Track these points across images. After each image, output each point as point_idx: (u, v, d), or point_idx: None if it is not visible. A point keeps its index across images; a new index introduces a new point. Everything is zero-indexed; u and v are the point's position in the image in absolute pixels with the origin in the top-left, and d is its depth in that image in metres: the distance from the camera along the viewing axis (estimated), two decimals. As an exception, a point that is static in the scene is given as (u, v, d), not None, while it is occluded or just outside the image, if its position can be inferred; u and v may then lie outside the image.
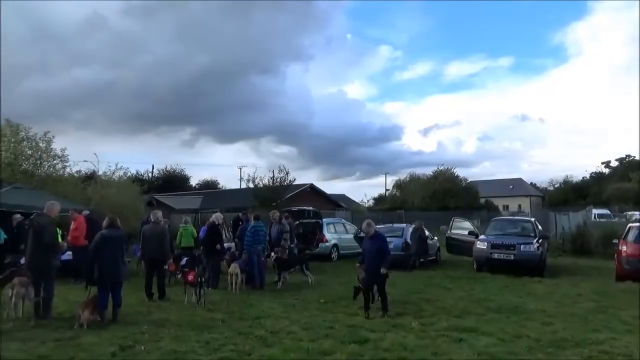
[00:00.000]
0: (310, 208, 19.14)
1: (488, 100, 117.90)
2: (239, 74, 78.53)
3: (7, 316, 7.23)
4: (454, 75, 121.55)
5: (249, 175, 38.69)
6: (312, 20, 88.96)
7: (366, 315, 7.80)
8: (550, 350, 5.96)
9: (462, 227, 16.79)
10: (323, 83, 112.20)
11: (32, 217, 8.00)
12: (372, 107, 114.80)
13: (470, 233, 15.79)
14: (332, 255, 17.46)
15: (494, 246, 13.66)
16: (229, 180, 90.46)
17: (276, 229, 11.86)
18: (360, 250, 16.87)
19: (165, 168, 52.31)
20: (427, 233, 16.03)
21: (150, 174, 49.21)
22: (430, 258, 16.09)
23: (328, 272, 13.91)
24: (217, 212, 15.27)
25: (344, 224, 19.85)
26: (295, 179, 32.79)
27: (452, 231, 16.79)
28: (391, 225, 16.99)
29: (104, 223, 8.04)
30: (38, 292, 7.35)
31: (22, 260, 9.46)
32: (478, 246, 14.09)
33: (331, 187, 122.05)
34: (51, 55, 63.60)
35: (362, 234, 17.25)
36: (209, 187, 52.99)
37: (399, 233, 15.44)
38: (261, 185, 31.13)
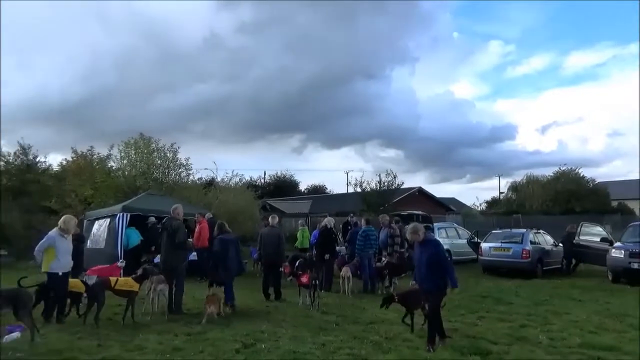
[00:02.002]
0: (420, 212, 18.72)
1: (618, 92, 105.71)
2: (344, 80, 79.49)
3: (145, 310, 8.03)
4: (575, 66, 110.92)
5: (356, 180, 38.85)
6: (416, 21, 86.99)
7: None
8: None
9: (592, 233, 15.21)
10: (429, 84, 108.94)
11: (164, 220, 8.80)
12: (482, 106, 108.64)
13: (603, 240, 14.24)
14: (445, 261, 16.80)
15: (633, 255, 12.12)
16: (336, 185, 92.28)
17: (385, 233, 11.71)
18: (474, 256, 16.32)
19: (276, 174, 54.62)
20: (551, 239, 14.81)
21: (262, 180, 51.72)
22: (555, 266, 14.83)
23: (441, 279, 13.43)
24: (326, 216, 15.57)
25: (456, 229, 19.07)
26: (403, 183, 32.30)
27: (581, 237, 15.26)
28: (509, 230, 15.92)
29: (216, 229, 9.10)
30: (171, 289, 8.07)
31: (156, 259, 10.50)
32: (613, 254, 12.63)
33: (440, 190, 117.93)
34: (176, 74, 70.01)
35: (475, 239, 16.61)
36: (317, 191, 54.22)
37: (519, 239, 14.40)
38: (368, 189, 31.10)
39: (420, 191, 38.52)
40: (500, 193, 50.56)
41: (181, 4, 70.90)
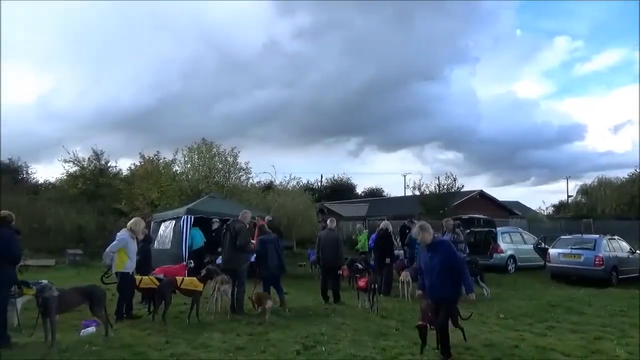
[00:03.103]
0: (482, 216, 18.11)
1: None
2: (402, 82, 78.52)
3: (209, 309, 8.29)
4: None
5: (414, 183, 38.31)
6: (477, 20, 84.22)
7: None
8: None
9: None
10: (491, 84, 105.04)
11: (228, 222, 9.06)
12: (548, 105, 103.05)
13: (687, 247, 13.14)
14: (509, 267, 16.17)
15: None
16: (393, 188, 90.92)
17: (448, 238, 11.39)
18: (541, 263, 15.54)
19: (333, 177, 54.82)
20: (627, 246, 13.82)
21: (319, 183, 52.07)
22: (632, 275, 13.84)
23: (505, 285, 12.94)
24: (384, 219, 15.42)
25: (521, 234, 18.26)
26: (463, 186, 31.47)
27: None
28: (580, 236, 15.03)
29: (256, 231, 9.74)
30: (233, 290, 8.29)
31: (219, 260, 10.80)
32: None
33: (503, 194, 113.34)
34: (236, 81, 72.23)
35: (542, 245, 15.82)
36: (374, 194, 53.85)
37: (591, 245, 13.57)
38: (427, 193, 30.51)
39: (482, 194, 37.27)
40: (568, 196, 47.99)
41: (241, 12, 73.07)
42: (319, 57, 77.15)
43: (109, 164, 26.40)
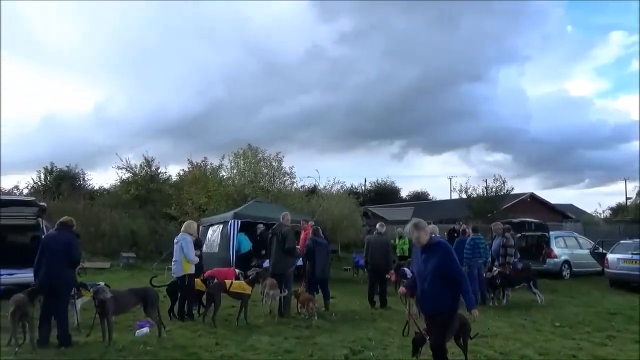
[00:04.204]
0: (533, 219, 17.46)
1: None
2: (447, 84, 76.92)
3: (258, 312, 8.41)
4: None
5: (460, 186, 37.47)
6: (526, 19, 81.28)
7: None
8: None
9: None
10: (541, 83, 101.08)
11: (274, 226, 9.18)
12: (602, 103, 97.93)
13: None
14: (564, 273, 15.49)
15: None
16: (438, 191, 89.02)
17: (498, 242, 11.05)
18: (598, 268, 14.79)
19: (377, 181, 54.38)
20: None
21: (363, 187, 51.77)
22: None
23: (560, 292, 12.39)
24: (430, 223, 15.16)
25: (576, 238, 17.44)
26: (512, 188, 30.52)
27: None
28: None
29: (310, 233, 10.09)
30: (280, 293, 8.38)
31: (265, 264, 10.96)
32: None
33: (555, 196, 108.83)
34: (280, 87, 73.22)
35: (600, 250, 15.04)
36: (419, 198, 53.06)
37: (654, 249, 12.79)
38: (474, 196, 29.78)
39: (533, 197, 35.95)
40: (627, 198, 45.52)
41: (284, 18, 74.19)
42: (361, 60, 77.00)
43: (159, 170, 27.34)
